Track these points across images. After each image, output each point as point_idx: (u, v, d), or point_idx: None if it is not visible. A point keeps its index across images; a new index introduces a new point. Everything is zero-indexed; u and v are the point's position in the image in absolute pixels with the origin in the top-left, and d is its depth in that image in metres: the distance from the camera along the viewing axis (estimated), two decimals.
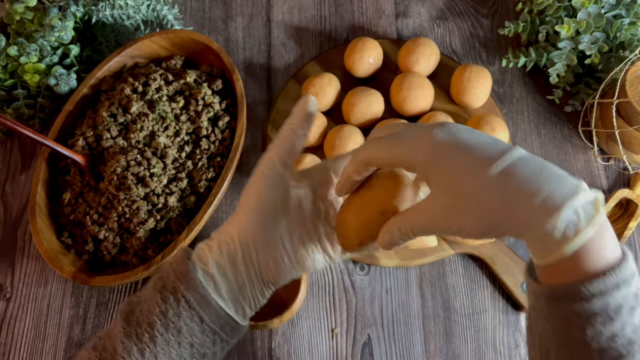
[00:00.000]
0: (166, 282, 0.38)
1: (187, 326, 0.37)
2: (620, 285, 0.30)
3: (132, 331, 0.38)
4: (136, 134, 0.66)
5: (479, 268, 0.66)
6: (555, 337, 0.33)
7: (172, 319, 0.37)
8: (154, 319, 0.37)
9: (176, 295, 0.37)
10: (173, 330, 0.37)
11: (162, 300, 0.38)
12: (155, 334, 0.37)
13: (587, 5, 0.65)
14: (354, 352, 0.62)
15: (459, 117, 0.70)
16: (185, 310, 0.37)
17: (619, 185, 0.69)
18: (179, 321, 0.37)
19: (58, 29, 0.70)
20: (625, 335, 0.30)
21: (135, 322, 0.38)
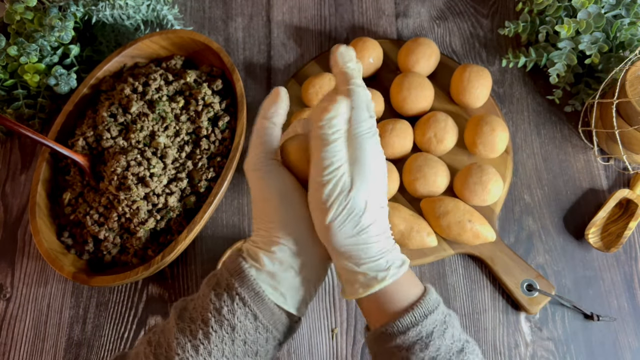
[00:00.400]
0: (220, 279, 0.39)
1: (241, 323, 0.37)
2: (427, 314, 0.37)
3: (185, 327, 0.38)
4: (136, 134, 0.66)
5: (479, 268, 0.66)
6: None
7: (226, 315, 0.37)
8: (208, 316, 0.37)
9: (230, 292, 0.38)
10: (227, 327, 0.37)
11: (216, 297, 0.38)
12: (210, 330, 0.37)
13: (587, 5, 0.65)
14: (354, 352, 0.62)
15: (459, 117, 0.71)
16: (239, 308, 0.37)
17: (619, 185, 0.69)
18: (233, 318, 0.37)
19: (58, 29, 0.70)
20: (441, 356, 0.36)
21: (189, 319, 0.38)
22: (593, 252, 0.66)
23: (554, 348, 0.62)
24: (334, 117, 0.37)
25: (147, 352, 0.38)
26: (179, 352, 0.37)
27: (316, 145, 0.37)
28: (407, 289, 0.38)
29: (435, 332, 0.36)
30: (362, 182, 0.37)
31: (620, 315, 0.63)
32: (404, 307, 0.37)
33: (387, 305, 0.37)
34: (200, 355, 0.37)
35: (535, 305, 0.62)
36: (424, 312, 0.37)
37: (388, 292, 0.37)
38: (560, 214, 0.68)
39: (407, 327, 0.36)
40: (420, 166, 0.64)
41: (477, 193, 0.63)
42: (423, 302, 0.37)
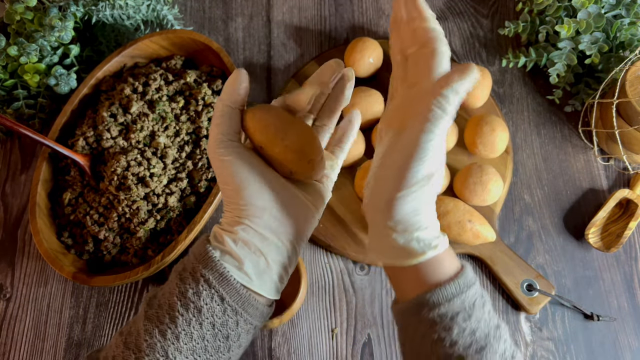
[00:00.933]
0: (186, 264, 0.39)
1: (207, 305, 0.37)
2: (469, 285, 0.37)
3: (153, 314, 0.38)
4: (136, 134, 0.66)
5: (479, 268, 0.66)
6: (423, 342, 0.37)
7: (191, 298, 0.37)
8: (174, 300, 0.37)
9: (195, 275, 0.37)
10: (193, 310, 0.37)
11: (181, 281, 0.38)
12: (176, 314, 0.37)
13: (587, 5, 0.65)
14: (354, 352, 0.62)
15: (459, 116, 0.71)
16: (204, 290, 0.37)
17: (619, 185, 0.69)
18: (199, 300, 0.37)
19: (58, 29, 0.70)
20: (481, 328, 0.36)
21: (157, 305, 0.38)
22: (593, 252, 0.66)
23: (554, 348, 0.62)
24: (463, 89, 0.35)
25: (118, 342, 0.38)
26: (147, 339, 0.37)
27: (423, 117, 0.35)
28: (449, 262, 0.38)
29: (477, 304, 0.36)
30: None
31: (620, 315, 0.63)
32: (447, 278, 0.37)
33: (430, 275, 0.37)
34: (168, 340, 0.37)
35: (535, 305, 0.62)
36: (466, 283, 0.37)
37: (434, 262, 0.37)
38: (560, 214, 0.68)
39: (452, 295, 0.36)
40: None
41: (477, 193, 0.63)
42: (464, 274, 0.37)
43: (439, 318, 0.36)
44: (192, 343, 0.37)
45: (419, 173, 0.35)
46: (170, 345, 0.37)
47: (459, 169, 0.67)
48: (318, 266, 0.67)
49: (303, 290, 0.59)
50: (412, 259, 0.36)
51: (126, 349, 0.38)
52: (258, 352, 0.63)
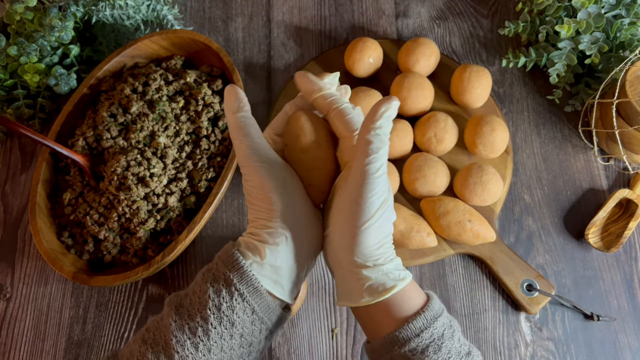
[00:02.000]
0: (216, 274, 0.39)
1: (240, 318, 0.38)
2: (436, 317, 0.38)
3: (184, 324, 0.38)
4: (136, 134, 0.66)
5: (479, 268, 0.66)
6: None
7: (225, 312, 0.37)
8: (207, 313, 0.37)
9: (229, 288, 0.38)
10: (227, 323, 0.37)
11: (215, 293, 0.38)
12: (209, 327, 0.37)
13: (587, 5, 0.65)
14: (354, 352, 0.62)
15: (459, 117, 0.71)
16: (238, 303, 0.37)
17: (619, 185, 0.69)
18: (232, 314, 0.37)
19: (58, 29, 0.70)
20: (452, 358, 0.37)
21: (187, 315, 0.38)
22: (593, 252, 0.66)
23: (554, 348, 0.62)
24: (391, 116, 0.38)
25: (143, 350, 0.38)
26: (179, 350, 0.37)
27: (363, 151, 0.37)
28: (413, 295, 0.39)
29: (446, 334, 0.37)
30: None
31: (620, 315, 0.63)
32: (414, 311, 0.38)
33: (398, 310, 0.38)
34: (200, 352, 0.37)
35: (535, 305, 0.62)
36: (433, 315, 0.38)
37: (397, 298, 0.38)
38: (560, 214, 0.68)
39: (420, 329, 0.37)
40: (420, 166, 0.64)
41: (477, 193, 0.63)
42: (430, 306, 0.38)
43: (410, 353, 0.37)
44: (222, 354, 0.38)
45: (376, 201, 0.37)
46: (202, 357, 0.37)
47: (459, 169, 0.67)
48: (318, 266, 0.67)
49: (303, 290, 0.59)
50: (383, 294, 0.37)
51: (155, 358, 0.38)
52: None
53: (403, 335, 0.37)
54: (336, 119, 0.41)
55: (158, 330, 0.39)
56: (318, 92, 0.41)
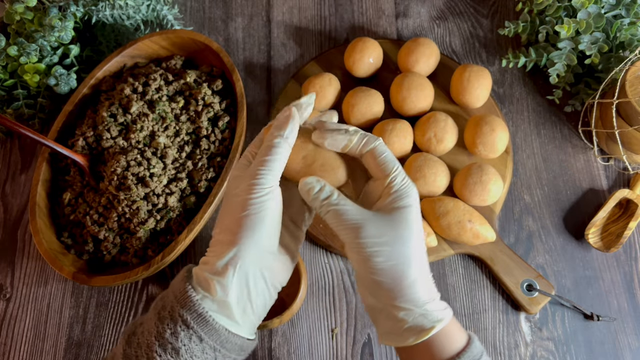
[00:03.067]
0: (165, 302, 0.38)
1: (186, 346, 0.37)
2: (479, 356, 0.38)
3: (132, 353, 0.37)
4: (136, 134, 0.66)
5: (479, 268, 0.66)
6: None
7: (169, 339, 0.36)
8: (152, 340, 0.37)
9: (174, 315, 0.37)
10: (171, 351, 0.36)
11: (159, 320, 0.37)
12: (154, 355, 0.36)
13: (587, 5, 0.65)
14: (354, 352, 0.62)
15: (459, 117, 0.71)
16: (182, 330, 0.37)
17: (619, 185, 0.69)
18: (176, 342, 0.36)
19: (58, 29, 0.70)
20: None
21: (135, 344, 0.38)
22: (593, 252, 0.66)
23: (554, 348, 0.62)
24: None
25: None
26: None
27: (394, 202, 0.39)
28: (457, 334, 0.39)
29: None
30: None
31: (620, 315, 0.63)
32: (457, 351, 0.38)
33: (440, 350, 0.38)
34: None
35: (535, 305, 0.62)
36: (475, 355, 0.38)
37: (439, 337, 0.38)
38: (560, 214, 0.68)
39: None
40: (420, 166, 0.64)
41: (477, 193, 0.63)
42: (473, 346, 0.38)
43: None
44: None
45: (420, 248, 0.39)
46: None
47: (459, 169, 0.67)
48: (318, 266, 0.67)
49: (303, 290, 0.59)
50: (424, 334, 0.37)
51: None
52: (258, 352, 0.63)
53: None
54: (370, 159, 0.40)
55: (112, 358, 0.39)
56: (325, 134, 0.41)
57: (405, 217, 0.39)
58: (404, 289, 0.37)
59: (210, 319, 0.37)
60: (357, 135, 0.40)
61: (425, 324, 0.38)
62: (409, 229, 0.38)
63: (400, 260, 0.38)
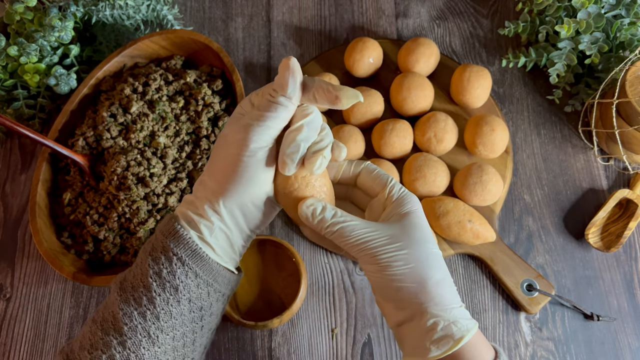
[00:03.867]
0: (155, 244, 0.39)
1: (183, 283, 0.38)
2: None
3: (129, 297, 0.38)
4: (136, 134, 0.66)
5: (479, 268, 0.66)
6: None
7: (166, 277, 0.37)
8: (149, 281, 0.37)
9: (167, 254, 0.38)
10: (170, 288, 0.37)
11: (153, 261, 0.38)
12: (153, 295, 0.37)
13: (587, 5, 0.65)
14: (354, 352, 0.62)
15: (459, 117, 0.71)
16: (179, 268, 0.37)
17: (619, 185, 0.69)
18: (174, 279, 0.37)
19: (58, 29, 0.70)
20: None
21: (130, 288, 0.38)
22: (593, 252, 0.66)
23: (554, 348, 0.62)
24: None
25: (94, 329, 0.38)
26: (127, 322, 0.37)
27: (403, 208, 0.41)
28: (485, 349, 0.38)
29: None
30: None
31: (620, 315, 0.63)
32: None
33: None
34: (149, 321, 0.37)
35: (535, 305, 0.62)
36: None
37: (470, 348, 0.37)
38: (560, 214, 0.68)
39: None
40: (420, 166, 0.64)
41: (477, 193, 0.63)
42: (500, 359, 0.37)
43: None
44: (172, 320, 0.38)
45: (436, 250, 0.39)
46: (152, 325, 0.37)
47: (459, 169, 0.67)
48: (318, 266, 0.67)
49: (303, 290, 0.59)
50: (452, 346, 0.36)
51: (105, 334, 0.38)
52: (258, 352, 0.63)
53: None
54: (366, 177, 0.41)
55: (106, 307, 0.39)
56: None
57: (413, 220, 0.39)
58: (431, 290, 0.37)
59: (204, 254, 0.38)
60: (346, 162, 0.42)
61: (455, 333, 0.36)
62: (421, 231, 0.39)
63: (420, 263, 0.37)
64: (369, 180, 0.41)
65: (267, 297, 0.61)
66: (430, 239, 0.39)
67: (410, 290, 0.37)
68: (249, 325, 0.57)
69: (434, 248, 0.39)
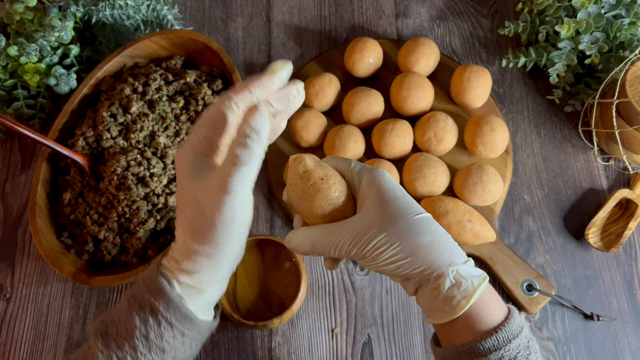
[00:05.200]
0: (142, 302, 0.38)
1: (170, 344, 0.38)
2: (511, 338, 0.35)
3: (111, 354, 0.37)
4: (136, 134, 0.66)
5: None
6: None
7: (154, 340, 0.37)
8: (135, 343, 0.37)
9: (156, 317, 0.37)
10: (157, 350, 0.37)
11: (141, 322, 0.37)
12: (139, 356, 0.37)
13: (587, 5, 0.65)
14: (354, 352, 0.62)
15: (459, 117, 0.71)
16: (166, 330, 0.37)
17: (619, 185, 0.69)
18: (161, 342, 0.37)
19: (58, 29, 0.70)
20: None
21: (114, 345, 0.37)
22: (593, 252, 0.66)
23: (554, 348, 0.62)
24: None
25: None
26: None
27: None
28: (497, 306, 0.37)
29: (519, 357, 0.36)
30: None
31: (620, 315, 0.63)
32: (489, 328, 0.36)
33: (480, 320, 0.36)
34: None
35: (535, 305, 0.62)
36: (506, 336, 0.36)
37: (482, 306, 0.36)
38: (560, 214, 0.68)
39: (489, 349, 0.35)
40: (420, 166, 0.64)
41: (477, 193, 0.63)
42: (508, 325, 0.36)
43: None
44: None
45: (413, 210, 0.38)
46: None
47: (459, 169, 0.67)
48: (318, 266, 0.67)
49: (303, 290, 0.59)
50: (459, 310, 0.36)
51: None
52: (258, 352, 0.63)
53: (488, 345, 0.35)
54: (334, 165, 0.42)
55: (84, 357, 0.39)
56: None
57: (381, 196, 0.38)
58: (423, 257, 0.36)
59: (194, 316, 0.38)
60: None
61: (457, 296, 0.36)
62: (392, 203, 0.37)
63: (404, 237, 0.36)
64: (336, 168, 0.41)
65: (267, 297, 0.61)
66: (405, 207, 0.37)
67: (408, 264, 0.37)
68: (249, 325, 0.57)
69: (412, 214, 0.37)
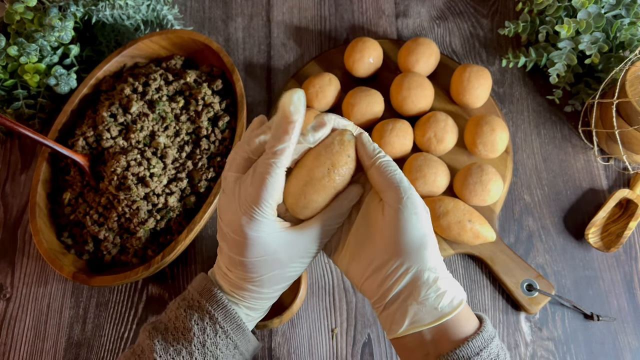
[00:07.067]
0: (200, 312, 0.41)
1: (223, 354, 0.41)
2: (492, 337, 0.37)
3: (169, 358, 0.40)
4: (136, 134, 0.66)
5: (479, 268, 0.66)
6: None
7: (210, 347, 0.40)
8: (192, 349, 0.40)
9: (214, 325, 0.40)
10: (210, 357, 0.40)
11: (200, 330, 0.40)
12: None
13: (587, 5, 0.65)
14: (354, 352, 0.62)
15: (459, 117, 0.71)
16: (222, 340, 0.40)
17: (619, 185, 0.69)
18: (216, 350, 0.40)
19: (58, 29, 0.70)
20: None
21: (172, 350, 0.40)
22: (593, 252, 0.66)
23: (553, 348, 0.62)
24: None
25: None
26: None
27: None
28: (470, 317, 0.39)
29: (500, 355, 0.37)
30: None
31: (620, 315, 0.63)
32: (472, 332, 0.38)
33: (456, 331, 0.37)
34: None
35: (535, 305, 0.62)
36: (490, 336, 0.38)
37: (459, 317, 0.38)
38: (560, 214, 0.68)
39: (479, 348, 0.37)
40: (420, 166, 0.64)
41: (477, 193, 0.63)
42: (486, 327, 0.38)
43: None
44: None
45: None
46: None
47: (459, 169, 0.67)
48: (318, 266, 0.67)
49: (303, 290, 0.59)
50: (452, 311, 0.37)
51: None
52: (258, 352, 0.63)
53: (463, 353, 0.36)
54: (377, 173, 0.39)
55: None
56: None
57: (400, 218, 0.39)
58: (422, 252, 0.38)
59: (246, 328, 0.42)
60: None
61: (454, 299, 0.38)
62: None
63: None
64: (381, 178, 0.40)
65: None
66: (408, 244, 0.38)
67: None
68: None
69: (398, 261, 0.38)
